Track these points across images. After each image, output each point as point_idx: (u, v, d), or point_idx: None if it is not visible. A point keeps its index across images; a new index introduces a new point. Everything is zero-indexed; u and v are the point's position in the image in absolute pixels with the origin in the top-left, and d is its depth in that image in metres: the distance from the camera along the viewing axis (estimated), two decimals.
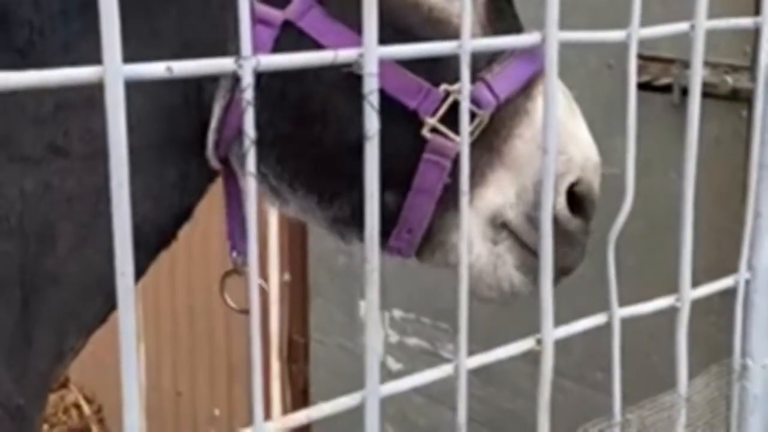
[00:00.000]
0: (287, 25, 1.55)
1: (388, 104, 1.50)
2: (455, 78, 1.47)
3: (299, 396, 4.00)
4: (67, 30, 1.53)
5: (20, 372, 1.60)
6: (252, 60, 0.74)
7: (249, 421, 0.84)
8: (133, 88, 1.72)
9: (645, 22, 1.12)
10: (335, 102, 1.60)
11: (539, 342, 1.09)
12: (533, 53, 1.65)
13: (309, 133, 1.63)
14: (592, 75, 2.74)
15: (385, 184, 1.67)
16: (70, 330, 1.65)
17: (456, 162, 1.60)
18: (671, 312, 1.27)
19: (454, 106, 1.58)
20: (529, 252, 1.69)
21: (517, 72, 1.67)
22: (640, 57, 2.42)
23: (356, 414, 0.94)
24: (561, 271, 1.74)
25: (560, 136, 1.66)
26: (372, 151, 0.85)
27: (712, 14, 1.20)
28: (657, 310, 1.25)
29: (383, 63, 1.59)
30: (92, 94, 1.52)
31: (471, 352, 1.03)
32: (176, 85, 1.56)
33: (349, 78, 1.52)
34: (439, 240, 1.69)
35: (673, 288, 1.26)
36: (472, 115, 1.60)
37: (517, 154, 1.66)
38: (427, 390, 3.45)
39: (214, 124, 1.61)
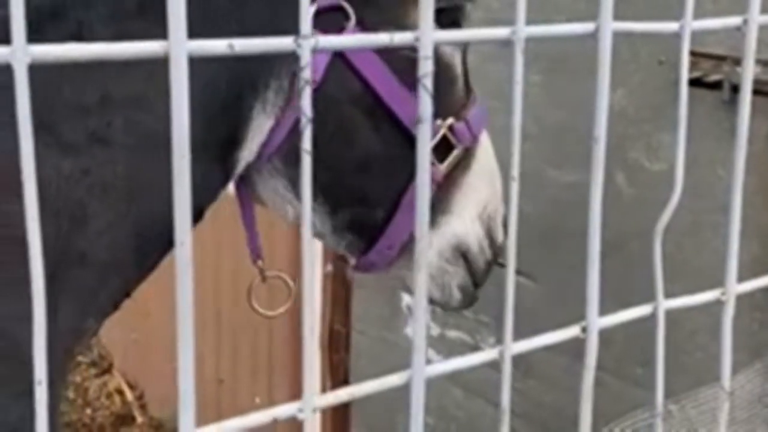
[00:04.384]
0: (338, 54, 1.72)
1: (401, 130, 1.80)
2: (444, 115, 1.87)
3: (339, 386, 4.02)
4: (118, 28, 1.57)
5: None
6: (311, 40, 0.76)
7: None
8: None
9: (695, 18, 1.12)
10: (352, 121, 1.78)
11: (584, 330, 1.09)
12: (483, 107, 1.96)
13: (332, 147, 1.79)
14: (643, 70, 2.74)
15: (380, 200, 1.88)
16: (89, 311, 1.71)
17: (437, 187, 1.87)
18: (714, 310, 1.26)
19: (440, 139, 1.87)
20: (471, 280, 2.00)
21: (482, 116, 1.94)
22: (691, 53, 2.42)
23: (396, 404, 0.95)
24: None
25: (495, 177, 1.97)
26: (424, 135, 0.86)
27: (764, 11, 1.20)
28: (702, 303, 1.25)
29: (398, 88, 1.80)
30: (141, 91, 1.59)
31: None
32: (217, 89, 1.67)
33: (369, 98, 1.77)
34: (412, 252, 1.85)
35: (716, 284, 1.26)
36: (451, 149, 1.88)
37: (470, 186, 1.92)
38: (466, 382, 3.47)
39: (261, 138, 1.74)
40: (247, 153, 1.75)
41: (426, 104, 0.84)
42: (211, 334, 4.72)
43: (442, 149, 1.87)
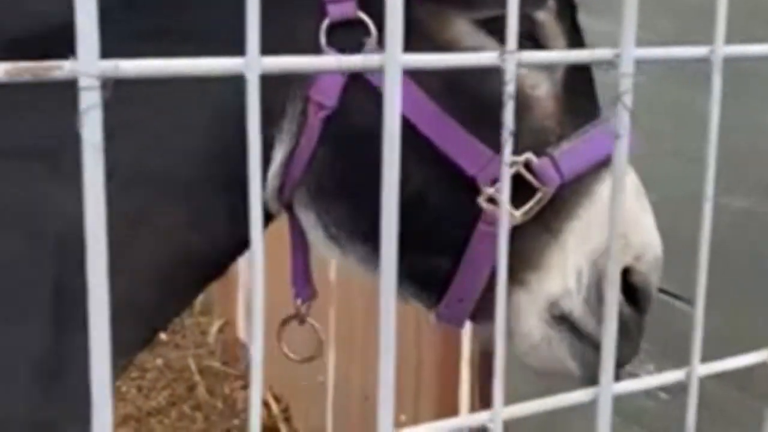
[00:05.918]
0: (354, 76, 1.52)
1: (448, 167, 1.54)
2: (521, 149, 1.55)
3: (488, 407, 4.01)
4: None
5: (50, 385, 1.55)
6: (516, 54, 0.77)
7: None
8: (190, 127, 1.64)
9: None
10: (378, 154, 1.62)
11: None
12: (611, 134, 1.62)
13: (371, 186, 1.62)
14: None
15: (438, 248, 1.62)
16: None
17: (512, 236, 1.55)
18: None
19: (516, 179, 1.52)
20: (587, 343, 1.63)
21: (588, 152, 1.60)
22: None
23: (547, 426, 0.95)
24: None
25: (623, 221, 1.65)
26: (621, 151, 0.87)
27: None
28: None
29: (448, 126, 1.55)
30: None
31: (667, 369, 1.02)
32: (230, 119, 1.52)
33: (410, 135, 1.44)
34: (491, 312, 1.67)
35: None
36: (533, 191, 1.55)
37: (575, 236, 1.59)
38: (621, 409, 3.40)
39: (275, 169, 1.59)
40: (271, 187, 1.61)
41: (624, 121, 0.85)
42: (359, 351, 4.78)
43: (524, 191, 1.55)
